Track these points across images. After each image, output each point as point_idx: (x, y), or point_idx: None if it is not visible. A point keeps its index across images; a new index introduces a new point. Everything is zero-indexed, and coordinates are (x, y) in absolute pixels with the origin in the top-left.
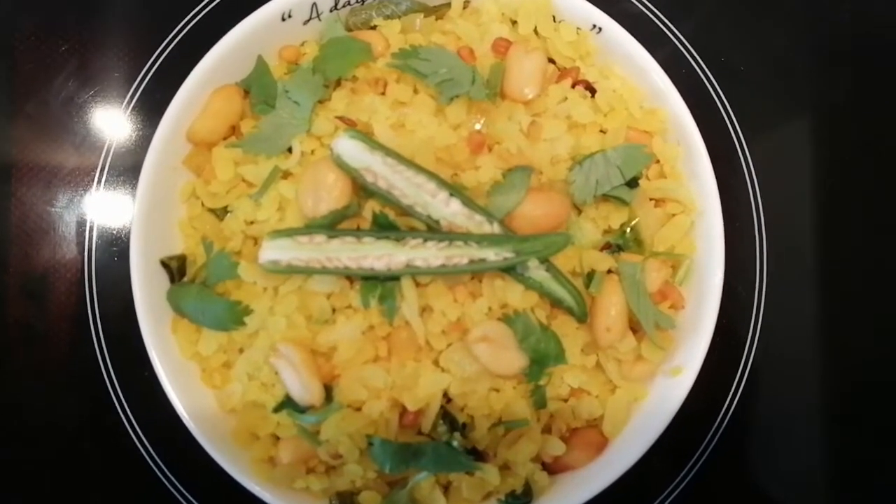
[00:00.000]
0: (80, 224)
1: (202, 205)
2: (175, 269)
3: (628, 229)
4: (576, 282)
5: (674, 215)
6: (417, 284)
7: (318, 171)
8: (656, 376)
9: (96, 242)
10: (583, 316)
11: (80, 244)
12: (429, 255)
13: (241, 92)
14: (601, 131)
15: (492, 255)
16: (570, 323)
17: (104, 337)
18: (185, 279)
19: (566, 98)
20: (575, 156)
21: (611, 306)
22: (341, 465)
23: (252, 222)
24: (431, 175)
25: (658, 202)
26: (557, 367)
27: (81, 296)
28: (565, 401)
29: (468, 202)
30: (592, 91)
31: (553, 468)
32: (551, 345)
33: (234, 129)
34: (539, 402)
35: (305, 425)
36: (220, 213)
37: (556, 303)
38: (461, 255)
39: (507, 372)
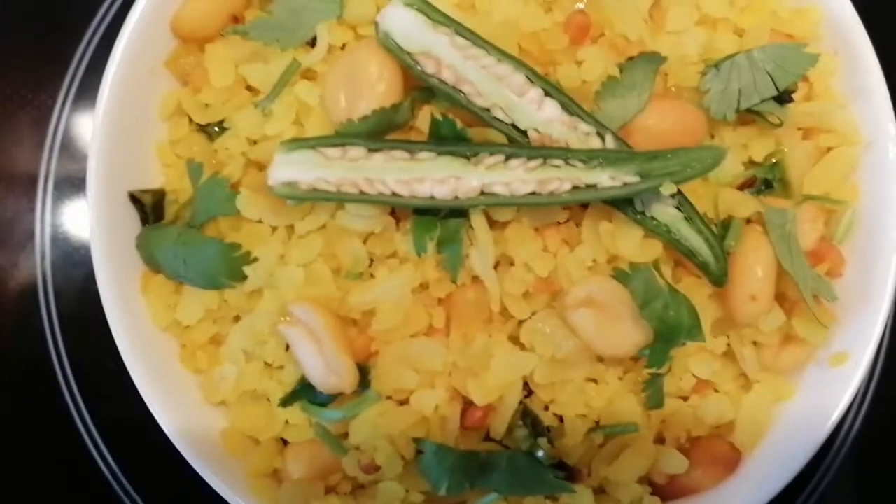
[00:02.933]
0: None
1: (189, 122)
2: (150, 206)
3: (772, 177)
4: None
5: (829, 149)
6: (492, 224)
7: (356, 59)
8: (807, 367)
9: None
10: (721, 276)
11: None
12: (513, 177)
13: None
14: (736, 33)
15: (606, 178)
16: (699, 288)
17: (57, 319)
18: (163, 222)
19: None
20: (707, 59)
21: (756, 265)
22: (375, 483)
23: (257, 141)
24: (519, 63)
25: (806, 132)
26: (684, 347)
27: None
28: (685, 399)
29: (570, 105)
30: None
31: (668, 492)
32: (683, 313)
33: (235, 20)
34: (654, 398)
35: (327, 423)
36: (214, 132)
37: (687, 255)
38: (561, 178)
39: (618, 351)
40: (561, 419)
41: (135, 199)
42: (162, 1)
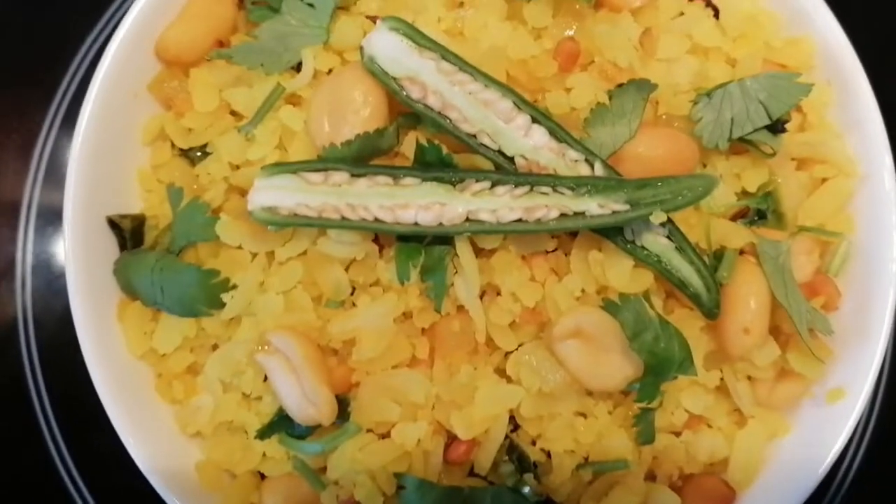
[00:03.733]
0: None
1: (172, 147)
2: (128, 231)
3: (765, 207)
4: None
5: (824, 180)
6: (478, 252)
7: (341, 84)
8: (803, 403)
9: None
10: (714, 308)
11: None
12: (500, 204)
13: None
14: (728, 63)
15: (594, 206)
16: (691, 320)
17: (36, 348)
18: (142, 248)
19: (682, 13)
20: (698, 88)
21: (750, 297)
22: None
23: (239, 166)
24: (507, 90)
25: (800, 163)
26: (676, 381)
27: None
28: (677, 434)
29: (558, 131)
30: (715, 10)
31: None
32: (675, 345)
33: (220, 45)
34: (645, 433)
35: (305, 457)
36: (196, 157)
37: (678, 286)
38: (548, 205)
39: (606, 384)
40: (548, 454)
41: (113, 224)
42: (146, 24)
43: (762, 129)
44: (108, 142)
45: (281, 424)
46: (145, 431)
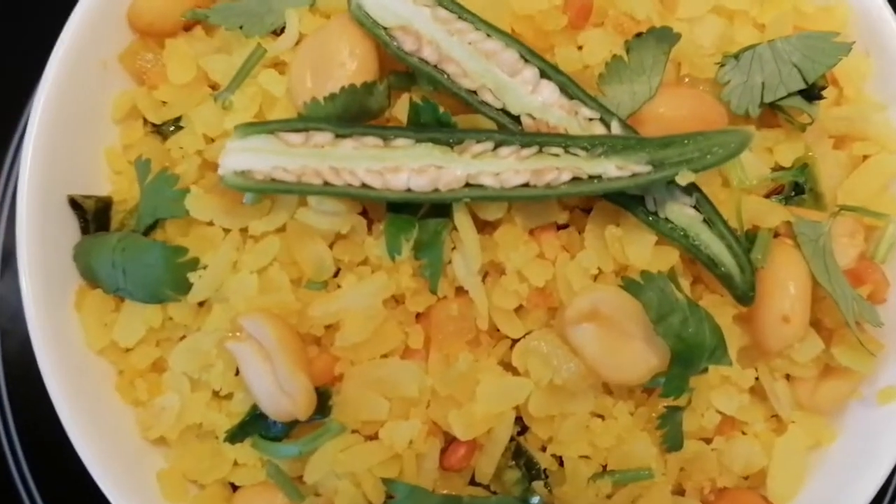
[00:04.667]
0: None
1: (144, 124)
2: (91, 213)
3: (802, 180)
4: None
5: (865, 158)
6: (480, 226)
7: (326, 37)
8: (849, 405)
9: None
10: (748, 290)
11: None
12: (504, 167)
13: None
14: (755, 28)
15: (612, 168)
16: (721, 307)
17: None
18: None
19: None
20: (724, 52)
21: (788, 281)
22: None
23: (215, 139)
24: (511, 40)
25: (838, 141)
26: (706, 376)
27: None
28: (708, 441)
29: (570, 87)
30: None
31: None
32: (705, 330)
33: None
34: (672, 438)
35: (281, 462)
36: (170, 132)
37: (707, 265)
38: (559, 168)
39: (627, 376)
40: (561, 461)
41: (75, 203)
42: None
43: (796, 96)
44: (73, 113)
45: (254, 425)
46: (101, 435)
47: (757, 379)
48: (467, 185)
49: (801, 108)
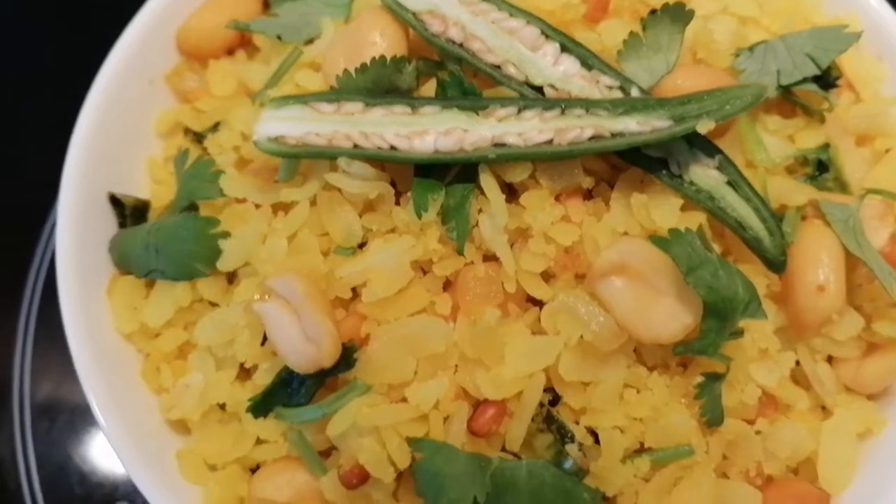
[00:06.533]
0: None
1: (185, 135)
2: (130, 209)
3: (826, 157)
4: None
5: (888, 150)
6: (505, 191)
7: (359, 26)
8: None
9: None
10: (779, 255)
11: None
12: (527, 127)
13: None
14: (768, 34)
15: (633, 124)
16: (753, 276)
17: None
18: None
19: None
20: (739, 47)
21: (821, 252)
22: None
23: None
24: (533, 17)
25: (859, 139)
26: (744, 347)
27: None
28: (751, 423)
29: (590, 59)
30: None
31: None
32: (737, 284)
33: (242, 39)
34: (711, 410)
35: (303, 425)
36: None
37: (734, 229)
38: (581, 126)
39: (660, 332)
40: (595, 437)
41: (115, 200)
42: (168, 11)
43: (811, 82)
44: (118, 121)
45: (277, 395)
46: (125, 414)
47: (798, 364)
48: (493, 143)
49: (819, 94)
